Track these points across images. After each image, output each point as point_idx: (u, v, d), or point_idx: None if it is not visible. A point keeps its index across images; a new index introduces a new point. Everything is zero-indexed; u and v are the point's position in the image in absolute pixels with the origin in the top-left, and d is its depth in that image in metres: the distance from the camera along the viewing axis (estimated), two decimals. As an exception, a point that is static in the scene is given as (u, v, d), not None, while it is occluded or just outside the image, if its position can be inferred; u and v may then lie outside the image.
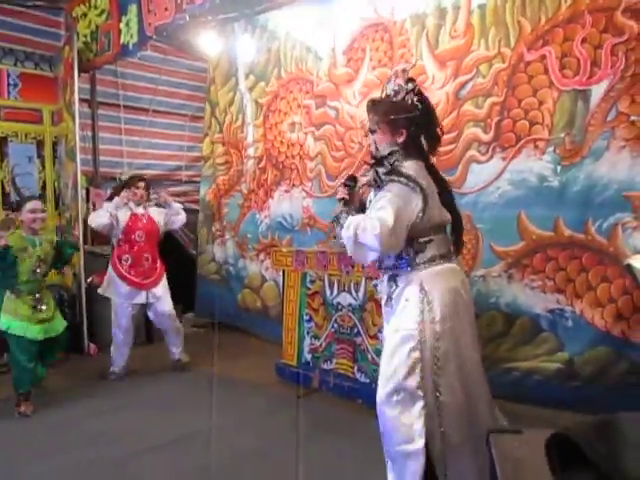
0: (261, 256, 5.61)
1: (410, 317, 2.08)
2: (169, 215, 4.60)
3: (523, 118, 3.67)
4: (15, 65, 5.47)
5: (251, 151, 5.84)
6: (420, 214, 2.04)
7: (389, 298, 2.22)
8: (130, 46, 4.96)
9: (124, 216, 4.35)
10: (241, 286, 5.85)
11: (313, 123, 5.08)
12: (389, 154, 2.16)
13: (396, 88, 2.20)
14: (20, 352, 3.55)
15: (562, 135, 3.49)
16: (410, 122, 2.15)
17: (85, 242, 5.28)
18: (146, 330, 5.38)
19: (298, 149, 5.23)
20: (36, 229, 3.69)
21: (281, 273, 4.40)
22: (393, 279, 2.19)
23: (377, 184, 2.14)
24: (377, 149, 2.22)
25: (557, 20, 3.48)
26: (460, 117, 3.96)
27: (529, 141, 3.65)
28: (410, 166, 2.13)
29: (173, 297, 4.52)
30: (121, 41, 5.05)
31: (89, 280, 5.14)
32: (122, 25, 5.02)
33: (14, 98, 5.47)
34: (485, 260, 3.88)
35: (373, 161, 2.23)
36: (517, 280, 3.70)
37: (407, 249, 2.12)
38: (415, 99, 2.17)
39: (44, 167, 5.71)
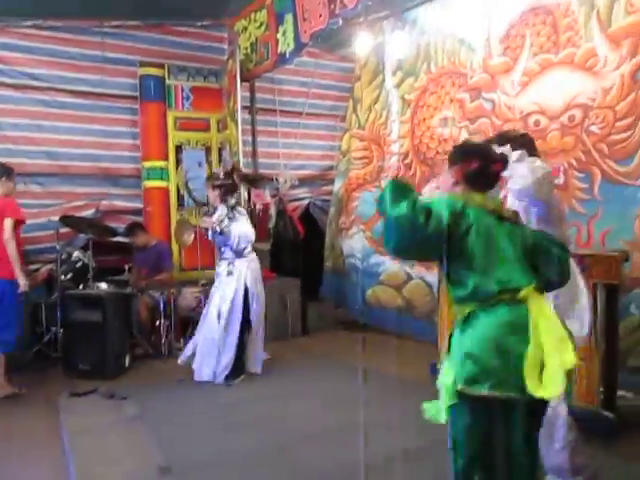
0: (405, 254, 5.63)
1: None
2: None
3: None
4: (187, 80, 6.07)
5: (395, 147, 5.85)
6: None
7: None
8: (287, 54, 5.26)
9: None
10: (374, 282, 5.90)
11: (467, 117, 4.93)
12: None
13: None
14: None
15: None
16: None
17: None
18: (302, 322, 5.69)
19: (451, 144, 5.11)
20: None
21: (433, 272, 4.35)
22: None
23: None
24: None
25: None
26: (638, 101, 3.58)
27: None
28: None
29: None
30: (278, 50, 5.38)
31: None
32: (279, 35, 5.33)
33: (187, 109, 6.08)
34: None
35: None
36: None
37: None
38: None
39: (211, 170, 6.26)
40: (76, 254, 5.07)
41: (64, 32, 5.50)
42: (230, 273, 4.29)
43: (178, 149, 6.08)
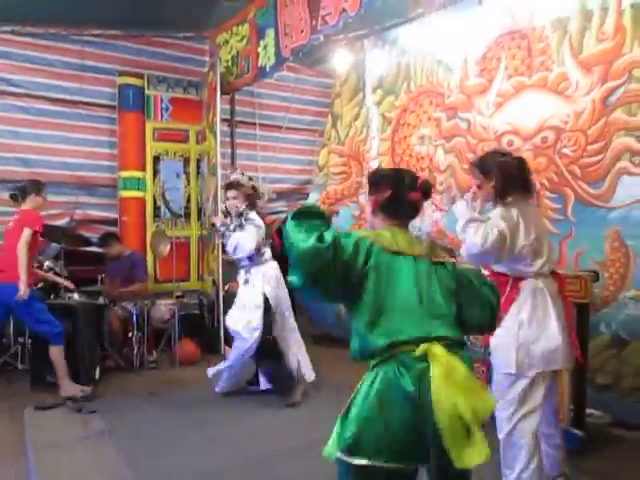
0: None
1: None
2: None
3: (685, 125, 3.33)
4: (167, 91, 6.06)
5: (374, 164, 5.90)
6: None
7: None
8: (267, 68, 5.28)
9: None
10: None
11: (443, 135, 5.01)
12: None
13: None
14: None
15: None
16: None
17: (223, 251, 5.65)
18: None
19: (427, 162, 5.19)
20: None
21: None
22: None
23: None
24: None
25: None
26: (609, 126, 3.68)
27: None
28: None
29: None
30: (259, 64, 5.40)
31: (226, 287, 5.50)
32: (260, 49, 5.36)
33: (166, 120, 6.06)
34: (637, 281, 3.55)
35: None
36: (676, 303, 3.34)
37: None
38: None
39: (189, 182, 6.24)
40: (47, 263, 4.97)
41: (43, 39, 5.45)
42: (247, 281, 4.18)
43: (156, 160, 6.05)
